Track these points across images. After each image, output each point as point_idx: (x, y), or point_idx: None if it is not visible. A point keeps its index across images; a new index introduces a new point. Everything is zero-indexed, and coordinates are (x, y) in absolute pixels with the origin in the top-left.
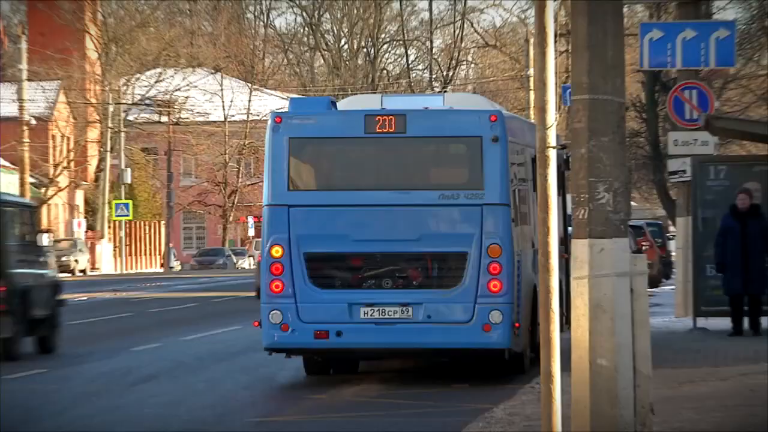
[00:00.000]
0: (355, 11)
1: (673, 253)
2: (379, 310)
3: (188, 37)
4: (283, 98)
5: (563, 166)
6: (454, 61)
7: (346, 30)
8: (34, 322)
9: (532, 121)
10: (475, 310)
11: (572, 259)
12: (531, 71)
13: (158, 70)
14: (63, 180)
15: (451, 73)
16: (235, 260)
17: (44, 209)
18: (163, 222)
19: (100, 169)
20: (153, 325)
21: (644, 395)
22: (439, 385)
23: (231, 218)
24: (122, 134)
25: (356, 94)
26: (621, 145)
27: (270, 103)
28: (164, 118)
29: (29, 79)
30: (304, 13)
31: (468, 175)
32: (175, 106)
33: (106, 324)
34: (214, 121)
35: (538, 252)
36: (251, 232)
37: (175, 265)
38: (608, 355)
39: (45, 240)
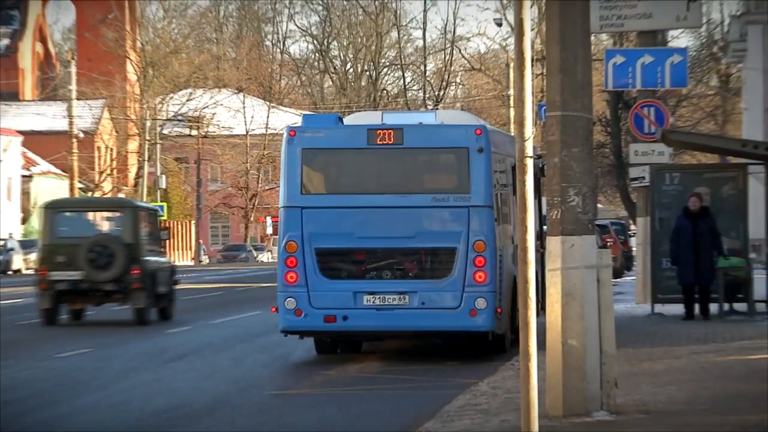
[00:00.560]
0: (359, 39)
1: (634, 249)
2: (380, 297)
3: (215, 62)
4: (296, 115)
5: (539, 173)
6: (444, 83)
7: (352, 55)
8: (158, 297)
9: (512, 134)
10: (463, 298)
11: (547, 254)
12: (511, 91)
13: (189, 90)
14: (107, 185)
15: (442, 93)
16: (255, 255)
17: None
18: (193, 221)
19: (138, 176)
20: (184, 311)
21: (609, 371)
22: (432, 363)
23: (252, 218)
24: (158, 146)
25: (360, 111)
26: (589, 155)
27: (285, 118)
28: (194, 132)
29: (78, 98)
30: (315, 41)
31: (457, 181)
32: (204, 122)
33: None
34: (237, 135)
35: (517, 247)
36: (269, 231)
37: (204, 259)
38: (578, 336)
39: (164, 235)
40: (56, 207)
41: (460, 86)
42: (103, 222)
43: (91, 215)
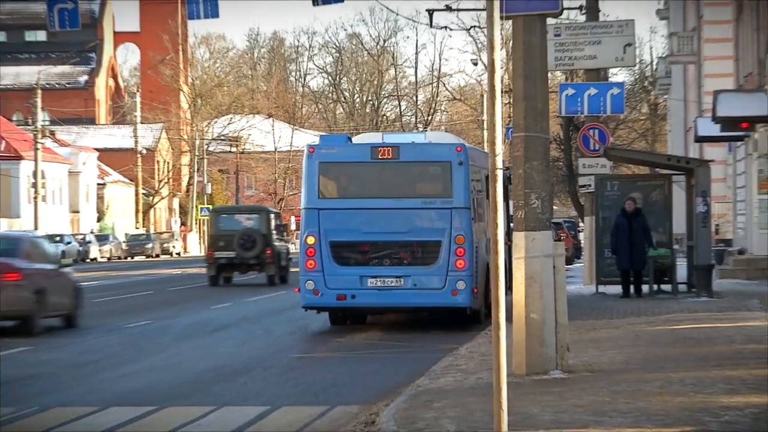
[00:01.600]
0: (364, 75)
1: (582, 241)
2: (380, 280)
3: (250, 93)
4: (314, 135)
5: (507, 181)
6: (432, 110)
7: (358, 88)
8: (281, 268)
9: (486, 150)
10: (447, 280)
11: (513, 245)
12: (485, 116)
13: (229, 116)
14: (164, 191)
15: (430, 118)
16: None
17: (151, 211)
18: None
19: (189, 183)
20: (225, 291)
21: (562, 339)
22: (421, 332)
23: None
24: (205, 160)
25: (365, 132)
26: (547, 167)
27: (305, 138)
28: (233, 149)
29: (141, 123)
30: (329, 77)
31: (442, 188)
32: (241, 141)
33: (194, 290)
34: (268, 151)
35: (489, 240)
36: (293, 227)
37: None
38: (538, 311)
39: (283, 229)
40: (219, 211)
41: (445, 113)
42: (247, 220)
43: (239, 216)
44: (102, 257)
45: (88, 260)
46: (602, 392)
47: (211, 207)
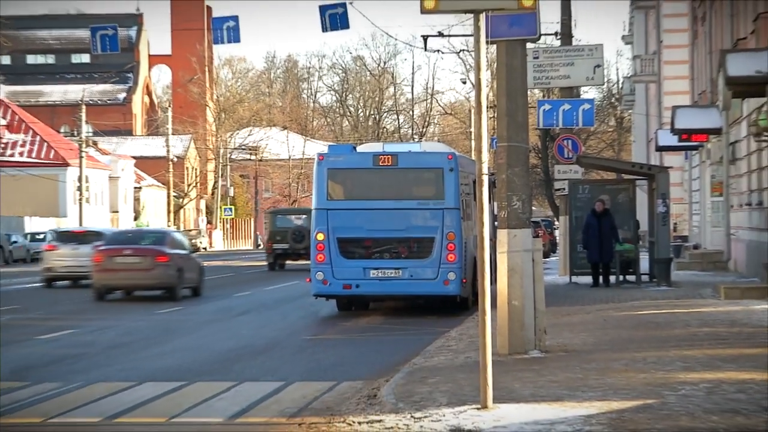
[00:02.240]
0: (367, 93)
1: (557, 238)
2: (381, 271)
3: (267, 109)
4: (323, 145)
5: (491, 185)
6: (426, 123)
7: (362, 104)
8: None
9: (473, 158)
10: (439, 272)
11: (497, 242)
12: (472, 129)
13: (249, 128)
14: (192, 194)
15: (424, 130)
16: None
17: (181, 211)
18: (252, 219)
19: (215, 187)
20: (246, 281)
21: (540, 323)
22: (417, 317)
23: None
24: (228, 166)
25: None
26: (526, 173)
27: (316, 147)
28: (253, 157)
29: (172, 134)
30: (337, 94)
31: (435, 191)
32: (259, 150)
33: (218, 280)
34: (283, 159)
35: (476, 237)
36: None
37: (260, 244)
38: (519, 298)
39: None
40: (276, 213)
41: (437, 125)
42: (297, 219)
43: (291, 216)
44: None
45: None
46: (575, 370)
47: (233, 207)
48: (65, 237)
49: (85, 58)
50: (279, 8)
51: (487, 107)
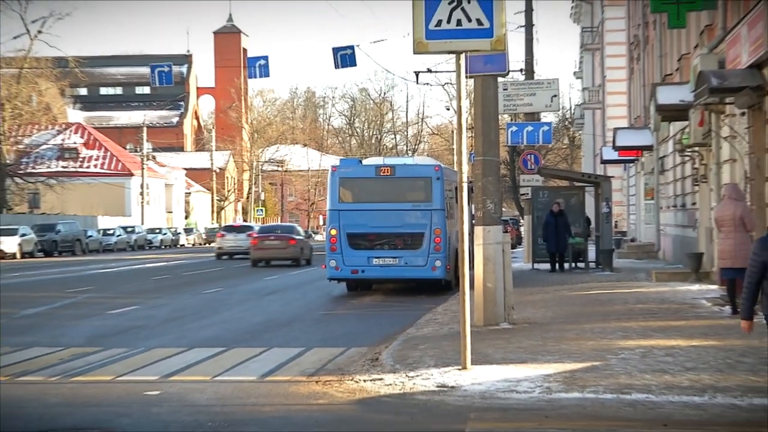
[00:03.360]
0: (370, 117)
1: (522, 233)
2: (382, 259)
3: (291, 130)
4: (335, 158)
5: (470, 191)
6: (418, 142)
7: (366, 126)
8: None
9: (455, 169)
10: (428, 260)
11: (475, 236)
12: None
13: (277, 145)
14: (231, 198)
15: (416, 147)
16: (313, 236)
17: (222, 212)
18: (279, 218)
19: (249, 193)
20: (274, 268)
21: (509, 301)
22: (410, 296)
23: (311, 216)
24: (259, 176)
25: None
26: (498, 181)
27: (329, 161)
28: (280, 168)
29: (215, 150)
30: (346, 119)
31: (424, 195)
32: (285, 163)
33: (252, 268)
34: (303, 170)
35: (458, 232)
36: (321, 223)
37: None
38: (492, 281)
39: None
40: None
41: (427, 143)
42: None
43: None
44: (188, 244)
45: (179, 245)
46: (536, 338)
47: (264, 209)
48: (229, 229)
49: (146, 89)
50: (301, 49)
51: (466, 129)
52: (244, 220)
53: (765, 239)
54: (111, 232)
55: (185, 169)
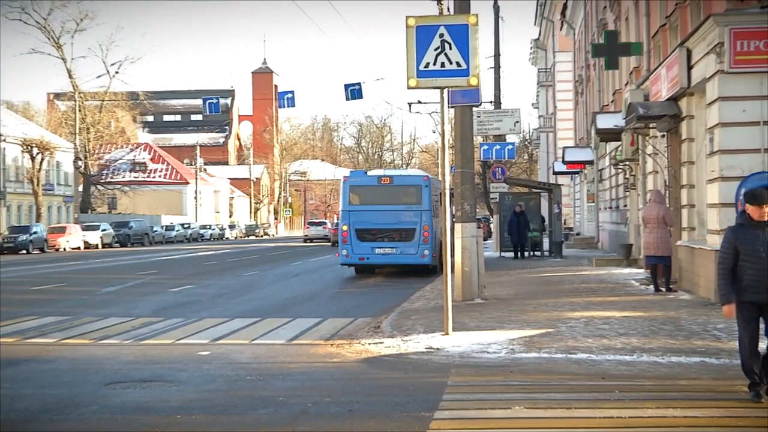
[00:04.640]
0: (373, 139)
1: (492, 228)
2: (383, 249)
3: (312, 148)
4: (347, 170)
5: (451, 196)
6: (410, 157)
7: (371, 145)
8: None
9: (440, 179)
10: (419, 249)
11: (455, 231)
12: (440, 161)
13: (300, 160)
14: (265, 201)
15: (410, 162)
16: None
17: (258, 212)
18: (303, 217)
19: (279, 197)
20: (298, 255)
21: (482, 281)
22: (405, 278)
23: (327, 215)
24: (287, 184)
25: (374, 169)
26: (473, 188)
27: (342, 172)
28: (302, 178)
29: (253, 164)
30: (355, 139)
31: (416, 199)
32: (306, 174)
33: (281, 256)
34: (321, 179)
35: (442, 228)
36: (336, 220)
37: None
38: (468, 266)
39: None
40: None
41: (418, 158)
42: None
43: None
44: (231, 237)
45: (224, 239)
46: (503, 310)
47: (291, 209)
48: (312, 223)
49: (199, 117)
50: (319, 85)
51: (448, 147)
52: (275, 219)
53: (735, 228)
54: (171, 227)
55: (229, 178)
